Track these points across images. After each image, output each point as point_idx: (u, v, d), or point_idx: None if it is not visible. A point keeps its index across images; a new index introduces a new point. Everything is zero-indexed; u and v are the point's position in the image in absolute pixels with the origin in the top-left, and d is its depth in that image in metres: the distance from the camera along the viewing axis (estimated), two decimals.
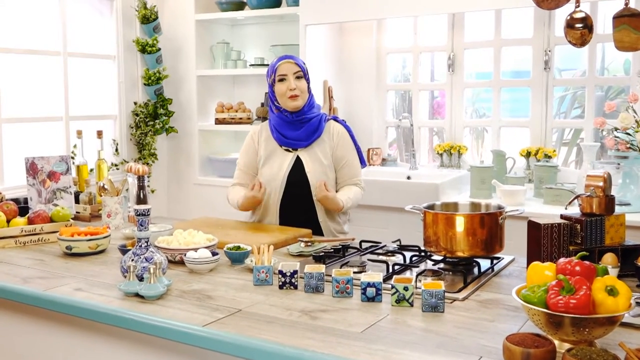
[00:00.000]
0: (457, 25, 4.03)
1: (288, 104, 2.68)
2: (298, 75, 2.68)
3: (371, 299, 1.78)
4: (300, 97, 2.68)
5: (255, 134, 2.86)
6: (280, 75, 2.68)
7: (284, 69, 2.68)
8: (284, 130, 2.75)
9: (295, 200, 2.74)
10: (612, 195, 1.98)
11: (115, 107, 4.26)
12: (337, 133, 2.77)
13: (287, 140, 2.74)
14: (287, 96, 2.67)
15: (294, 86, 2.66)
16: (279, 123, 2.76)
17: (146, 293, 1.82)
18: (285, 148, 2.76)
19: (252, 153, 2.84)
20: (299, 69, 2.69)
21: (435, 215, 2.10)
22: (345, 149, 2.76)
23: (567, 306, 1.35)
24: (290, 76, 2.66)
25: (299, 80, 2.68)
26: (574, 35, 2.08)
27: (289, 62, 2.69)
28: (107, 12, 4.22)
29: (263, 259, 2.03)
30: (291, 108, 2.69)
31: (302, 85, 2.69)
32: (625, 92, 4.01)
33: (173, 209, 4.65)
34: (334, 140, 2.76)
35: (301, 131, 2.72)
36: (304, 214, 2.73)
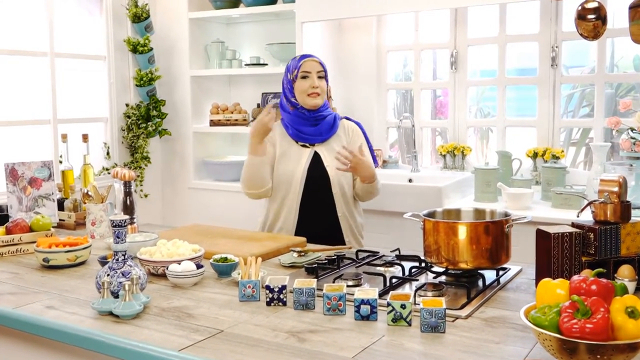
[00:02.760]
0: (460, 21, 3.88)
1: (308, 102, 2.70)
2: (320, 75, 2.72)
3: (365, 318, 1.63)
4: (320, 96, 2.71)
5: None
6: (304, 72, 2.71)
7: (308, 66, 2.71)
8: (300, 126, 2.75)
9: (315, 195, 2.72)
10: (628, 202, 1.82)
11: (106, 109, 4.12)
12: (352, 130, 2.83)
13: (304, 136, 2.74)
14: (307, 93, 2.69)
15: (317, 84, 2.69)
16: (294, 120, 2.76)
17: (120, 312, 1.67)
18: (302, 144, 2.75)
19: (269, 145, 2.75)
20: (322, 69, 2.74)
21: (436, 223, 1.94)
22: (360, 144, 2.77)
23: (582, 331, 1.20)
24: (314, 74, 2.70)
25: (321, 80, 2.72)
26: (586, 28, 1.93)
27: (314, 61, 2.73)
28: (96, 11, 4.08)
29: (250, 272, 1.88)
30: (310, 106, 2.71)
31: (323, 85, 2.73)
32: (636, 90, 3.85)
33: (167, 214, 4.51)
34: (350, 136, 2.81)
35: (318, 127, 2.74)
36: (324, 209, 2.72)
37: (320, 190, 2.71)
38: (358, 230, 2.82)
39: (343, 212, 2.74)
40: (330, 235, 2.68)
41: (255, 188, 2.72)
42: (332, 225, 2.72)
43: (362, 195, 2.78)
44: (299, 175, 2.70)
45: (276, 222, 2.76)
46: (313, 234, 2.60)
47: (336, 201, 2.72)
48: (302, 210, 2.72)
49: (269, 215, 2.79)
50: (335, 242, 2.67)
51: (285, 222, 2.73)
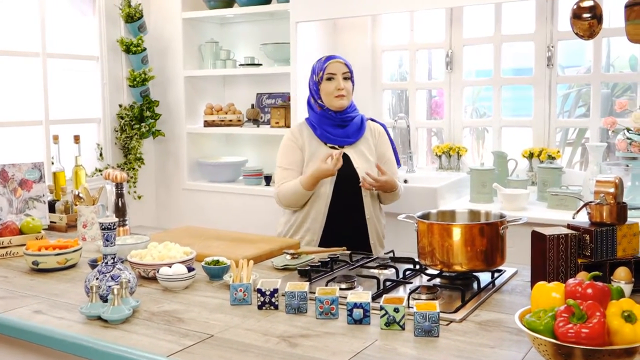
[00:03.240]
0: (456, 20, 3.86)
1: (334, 103, 2.72)
2: (346, 76, 2.74)
3: (358, 322, 1.61)
4: (346, 98, 2.73)
5: (296, 132, 2.82)
6: (329, 74, 2.72)
7: (333, 68, 2.72)
8: (328, 127, 2.76)
9: (345, 197, 2.72)
10: (624, 203, 1.80)
11: (99, 110, 4.08)
12: (378, 131, 2.85)
13: (333, 138, 2.74)
14: (334, 95, 2.71)
15: (343, 86, 2.70)
16: (321, 120, 2.77)
17: (109, 317, 1.64)
18: (330, 145, 2.75)
19: (297, 150, 2.78)
20: (347, 70, 2.74)
21: (430, 225, 1.92)
22: (385, 146, 2.84)
23: (578, 336, 1.17)
24: (339, 76, 2.71)
25: (346, 82, 2.73)
26: (582, 27, 1.91)
27: (339, 62, 2.74)
28: (89, 11, 4.04)
29: (242, 276, 1.85)
30: (336, 107, 2.72)
31: (349, 86, 2.75)
32: (632, 90, 3.83)
33: (162, 216, 4.48)
34: (376, 138, 2.83)
35: (347, 129, 2.75)
36: (352, 211, 2.73)
37: (349, 192, 2.71)
38: (383, 233, 2.83)
39: (371, 214, 2.74)
40: (357, 238, 2.69)
41: (294, 208, 2.76)
42: (359, 227, 2.72)
43: (384, 200, 2.82)
44: (329, 179, 2.69)
45: (303, 223, 2.74)
46: (340, 237, 2.61)
47: (365, 203, 2.72)
48: (330, 212, 2.72)
49: (297, 217, 2.77)
50: (361, 244, 2.67)
51: (313, 224, 2.72)
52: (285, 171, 2.76)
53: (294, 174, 2.74)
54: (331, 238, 2.67)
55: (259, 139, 4.35)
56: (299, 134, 2.79)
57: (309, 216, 2.73)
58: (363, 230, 2.72)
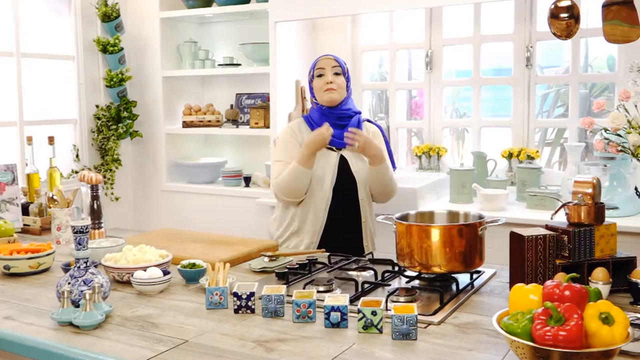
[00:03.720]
0: (435, 20, 3.85)
1: (324, 97, 2.66)
2: (336, 70, 2.68)
3: (336, 325, 1.58)
4: (336, 92, 2.65)
5: (295, 128, 2.75)
6: (319, 70, 2.68)
7: (322, 63, 2.69)
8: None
9: (342, 200, 2.65)
10: (602, 203, 1.80)
11: (75, 111, 4.02)
12: (372, 131, 2.79)
13: (333, 139, 2.65)
14: (323, 89, 2.66)
15: (331, 79, 2.65)
16: (320, 120, 2.70)
17: (81, 322, 1.60)
18: (328, 147, 2.67)
19: (298, 146, 2.68)
20: (337, 64, 2.69)
21: (409, 227, 1.91)
22: (381, 146, 2.72)
23: (555, 339, 1.16)
24: (328, 70, 2.67)
25: (337, 76, 2.67)
26: (559, 27, 1.90)
27: (328, 58, 2.71)
28: (65, 11, 3.98)
29: (218, 279, 1.82)
30: (326, 101, 2.66)
31: (340, 81, 2.67)
32: (610, 90, 3.85)
33: (140, 217, 4.42)
34: (371, 137, 2.71)
35: (344, 130, 2.67)
36: (350, 214, 2.67)
37: (347, 195, 2.65)
38: (374, 235, 2.77)
39: (366, 218, 2.68)
40: (352, 241, 2.64)
41: (295, 197, 2.64)
42: (355, 230, 2.67)
43: (377, 189, 2.69)
44: (328, 181, 2.63)
45: (302, 227, 2.66)
46: (337, 240, 2.57)
47: (361, 207, 2.67)
48: (329, 215, 2.64)
49: (294, 220, 2.68)
50: (355, 248, 2.62)
51: (312, 227, 2.64)
52: (284, 165, 2.66)
53: None
54: (328, 241, 2.61)
55: (238, 140, 4.32)
56: (298, 130, 2.73)
57: (307, 220, 2.65)
58: (358, 233, 2.68)
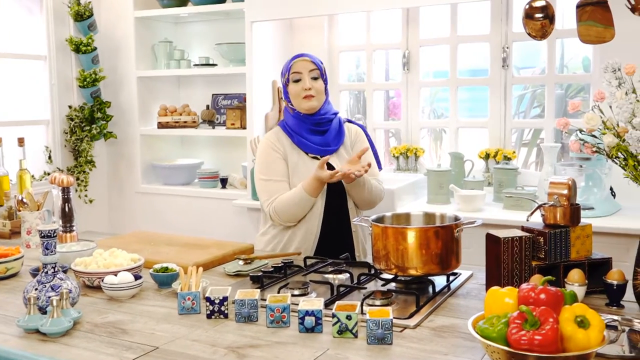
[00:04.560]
0: (412, 21, 3.84)
1: (302, 105, 2.47)
2: (314, 75, 2.48)
3: (310, 330, 1.56)
4: (315, 98, 2.47)
5: (274, 139, 2.52)
6: (295, 74, 2.48)
7: (298, 66, 2.48)
8: (305, 134, 2.50)
9: (334, 211, 2.48)
10: (578, 204, 1.79)
11: (47, 112, 3.94)
12: (354, 131, 2.63)
13: (315, 147, 2.49)
14: (301, 96, 2.46)
15: (309, 86, 2.45)
16: (300, 126, 2.51)
17: (47, 330, 1.56)
18: (312, 156, 2.49)
19: (282, 161, 2.50)
20: (315, 67, 2.49)
21: (385, 229, 1.88)
22: (363, 146, 2.54)
23: (531, 343, 1.14)
24: (306, 75, 2.47)
25: (315, 81, 2.48)
26: (534, 27, 1.89)
27: (304, 60, 2.49)
28: (36, 9, 3.90)
29: (191, 283, 1.78)
30: (305, 109, 2.48)
31: (318, 85, 2.48)
32: (585, 90, 3.87)
33: (115, 220, 4.35)
34: (353, 139, 2.60)
35: (326, 136, 2.51)
36: (341, 224, 2.51)
37: (338, 205, 2.48)
38: (365, 243, 2.59)
39: (356, 226, 2.51)
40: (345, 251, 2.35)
41: (295, 222, 2.46)
42: (347, 240, 2.50)
43: (359, 201, 2.50)
44: (318, 201, 2.44)
45: (293, 241, 2.48)
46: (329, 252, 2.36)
47: (351, 216, 2.50)
48: (323, 228, 2.47)
49: (285, 234, 2.49)
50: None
51: (305, 242, 2.46)
52: (276, 183, 2.46)
53: (284, 185, 2.45)
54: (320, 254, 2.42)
55: (214, 141, 4.27)
56: (278, 142, 2.51)
57: (299, 233, 2.46)
58: (350, 243, 2.50)
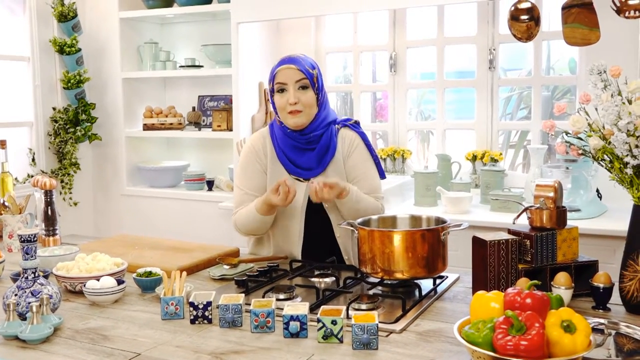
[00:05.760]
0: (399, 22, 3.84)
1: (287, 121, 2.20)
2: (302, 84, 2.17)
3: (295, 335, 1.53)
4: (303, 113, 2.17)
5: (259, 147, 2.32)
6: (279, 84, 2.18)
7: (283, 76, 2.18)
8: (292, 153, 2.26)
9: (316, 232, 2.26)
10: (564, 207, 1.79)
11: (30, 113, 3.90)
12: (349, 141, 2.28)
13: (297, 169, 2.25)
14: (286, 111, 2.18)
15: (294, 100, 2.15)
16: (284, 142, 2.26)
17: (27, 336, 1.53)
18: (295, 177, 2.25)
19: (260, 174, 2.31)
20: (302, 77, 2.17)
21: (371, 232, 1.87)
22: (358, 158, 2.28)
23: (517, 348, 1.13)
24: (291, 86, 2.16)
25: (304, 92, 2.17)
26: (520, 29, 1.89)
27: (289, 68, 2.17)
28: (19, 10, 3.85)
29: (174, 288, 1.76)
30: (291, 126, 2.20)
31: (307, 98, 2.17)
32: (572, 92, 3.89)
33: (100, 223, 4.31)
34: (346, 149, 2.28)
35: (312, 155, 2.23)
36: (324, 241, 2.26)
37: (320, 226, 2.26)
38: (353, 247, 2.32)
39: (341, 233, 2.27)
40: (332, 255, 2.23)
41: (254, 235, 2.33)
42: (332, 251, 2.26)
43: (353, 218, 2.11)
44: (297, 219, 2.26)
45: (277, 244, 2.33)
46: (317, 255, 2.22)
47: (335, 232, 2.27)
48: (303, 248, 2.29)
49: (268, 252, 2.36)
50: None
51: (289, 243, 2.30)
52: (245, 195, 2.30)
53: (253, 199, 2.27)
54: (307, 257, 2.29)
55: (200, 143, 4.24)
56: (262, 152, 2.31)
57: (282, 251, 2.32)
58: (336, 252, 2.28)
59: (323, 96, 2.26)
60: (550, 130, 1.75)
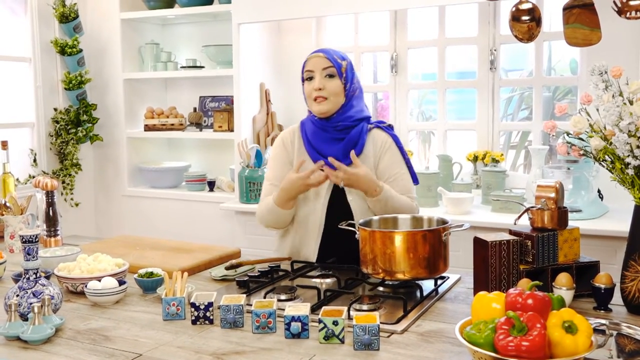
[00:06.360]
0: (400, 23, 3.84)
1: (312, 108, 2.24)
2: (329, 72, 2.20)
3: (296, 336, 1.54)
4: (328, 101, 2.20)
5: (287, 140, 2.36)
6: (308, 72, 2.23)
7: (311, 64, 2.23)
8: (319, 143, 2.26)
9: (337, 232, 2.10)
10: (565, 207, 1.79)
11: (32, 114, 3.90)
12: (381, 142, 2.27)
13: (322, 159, 2.22)
14: (312, 98, 2.22)
15: (319, 86, 2.19)
16: (313, 132, 2.28)
17: (29, 337, 1.53)
18: (320, 169, 2.21)
19: (287, 163, 2.33)
20: (329, 65, 2.20)
21: (372, 233, 1.87)
22: (391, 159, 2.26)
23: (518, 349, 1.13)
24: (318, 73, 2.20)
25: (330, 80, 2.20)
26: (521, 29, 1.88)
27: (318, 57, 2.22)
28: (20, 10, 3.86)
29: (175, 288, 1.76)
30: (316, 113, 2.24)
31: (333, 86, 2.20)
32: (573, 93, 3.89)
33: (101, 223, 4.32)
34: (378, 150, 2.26)
35: (339, 146, 2.22)
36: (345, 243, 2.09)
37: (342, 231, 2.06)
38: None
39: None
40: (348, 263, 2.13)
41: (275, 228, 2.34)
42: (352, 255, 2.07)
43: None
44: (318, 214, 2.24)
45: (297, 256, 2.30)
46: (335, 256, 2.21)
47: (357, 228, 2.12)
48: (321, 248, 2.26)
49: (285, 249, 2.35)
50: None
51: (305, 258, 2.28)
52: (271, 186, 2.32)
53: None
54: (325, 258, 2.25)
55: (202, 144, 4.25)
56: (290, 142, 2.34)
57: (300, 253, 2.30)
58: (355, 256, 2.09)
59: (352, 88, 2.26)
60: (552, 131, 1.75)
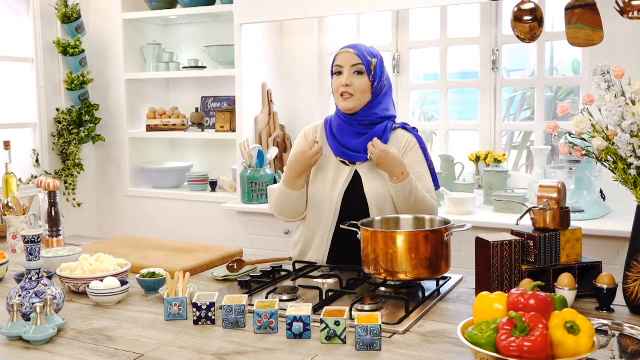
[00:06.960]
0: (402, 23, 3.84)
1: (338, 103, 2.25)
2: (357, 69, 2.19)
3: (298, 336, 1.54)
4: (354, 98, 2.20)
5: (310, 133, 2.37)
6: (337, 67, 2.23)
7: (341, 59, 2.22)
8: (343, 136, 2.27)
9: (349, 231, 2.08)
10: (567, 208, 1.78)
11: (34, 114, 3.91)
12: (405, 142, 2.27)
13: (344, 151, 2.24)
14: (338, 93, 2.23)
15: (347, 82, 2.19)
16: (338, 126, 2.29)
17: (31, 337, 1.53)
18: (341, 160, 2.26)
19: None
20: (358, 62, 2.19)
21: (374, 233, 1.87)
22: (414, 158, 2.25)
23: (520, 350, 1.13)
24: (346, 69, 2.20)
25: (358, 76, 2.19)
26: (523, 30, 1.88)
27: (348, 52, 2.21)
28: (23, 11, 3.86)
29: (177, 289, 1.76)
30: (342, 109, 2.24)
31: (360, 83, 2.19)
32: (575, 93, 3.88)
33: (103, 224, 4.32)
34: (402, 149, 2.25)
35: (362, 140, 2.23)
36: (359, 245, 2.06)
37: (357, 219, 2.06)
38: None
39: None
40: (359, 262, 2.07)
41: (288, 217, 2.34)
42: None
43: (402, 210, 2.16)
44: (333, 202, 2.23)
45: (308, 249, 2.32)
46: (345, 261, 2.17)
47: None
48: (335, 238, 2.25)
49: (300, 240, 2.35)
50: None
51: (317, 252, 2.28)
52: None
53: None
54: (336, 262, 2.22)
55: (204, 144, 4.25)
56: (312, 137, 2.35)
57: (313, 243, 2.30)
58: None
59: (380, 86, 2.25)
60: (554, 131, 1.75)
